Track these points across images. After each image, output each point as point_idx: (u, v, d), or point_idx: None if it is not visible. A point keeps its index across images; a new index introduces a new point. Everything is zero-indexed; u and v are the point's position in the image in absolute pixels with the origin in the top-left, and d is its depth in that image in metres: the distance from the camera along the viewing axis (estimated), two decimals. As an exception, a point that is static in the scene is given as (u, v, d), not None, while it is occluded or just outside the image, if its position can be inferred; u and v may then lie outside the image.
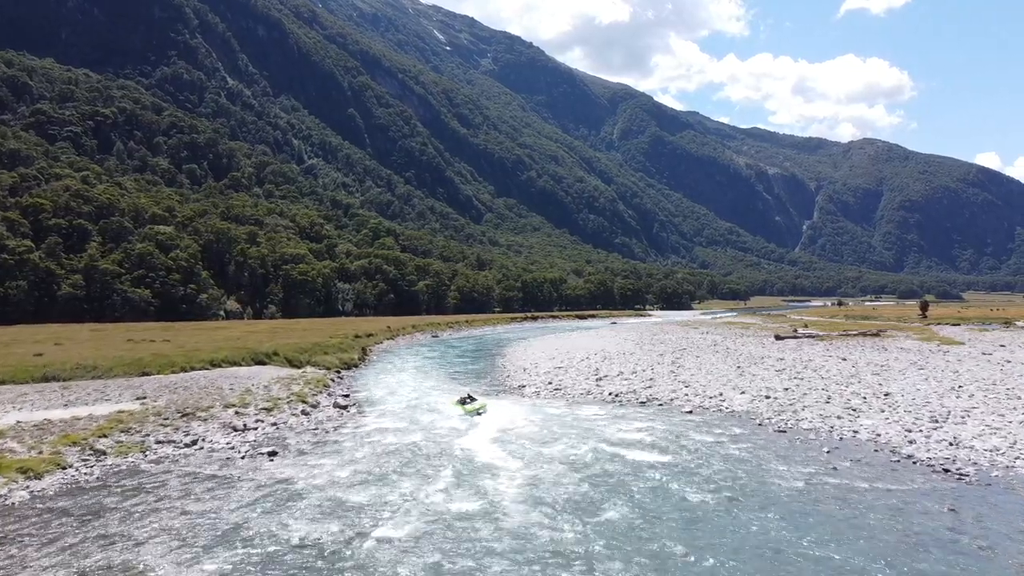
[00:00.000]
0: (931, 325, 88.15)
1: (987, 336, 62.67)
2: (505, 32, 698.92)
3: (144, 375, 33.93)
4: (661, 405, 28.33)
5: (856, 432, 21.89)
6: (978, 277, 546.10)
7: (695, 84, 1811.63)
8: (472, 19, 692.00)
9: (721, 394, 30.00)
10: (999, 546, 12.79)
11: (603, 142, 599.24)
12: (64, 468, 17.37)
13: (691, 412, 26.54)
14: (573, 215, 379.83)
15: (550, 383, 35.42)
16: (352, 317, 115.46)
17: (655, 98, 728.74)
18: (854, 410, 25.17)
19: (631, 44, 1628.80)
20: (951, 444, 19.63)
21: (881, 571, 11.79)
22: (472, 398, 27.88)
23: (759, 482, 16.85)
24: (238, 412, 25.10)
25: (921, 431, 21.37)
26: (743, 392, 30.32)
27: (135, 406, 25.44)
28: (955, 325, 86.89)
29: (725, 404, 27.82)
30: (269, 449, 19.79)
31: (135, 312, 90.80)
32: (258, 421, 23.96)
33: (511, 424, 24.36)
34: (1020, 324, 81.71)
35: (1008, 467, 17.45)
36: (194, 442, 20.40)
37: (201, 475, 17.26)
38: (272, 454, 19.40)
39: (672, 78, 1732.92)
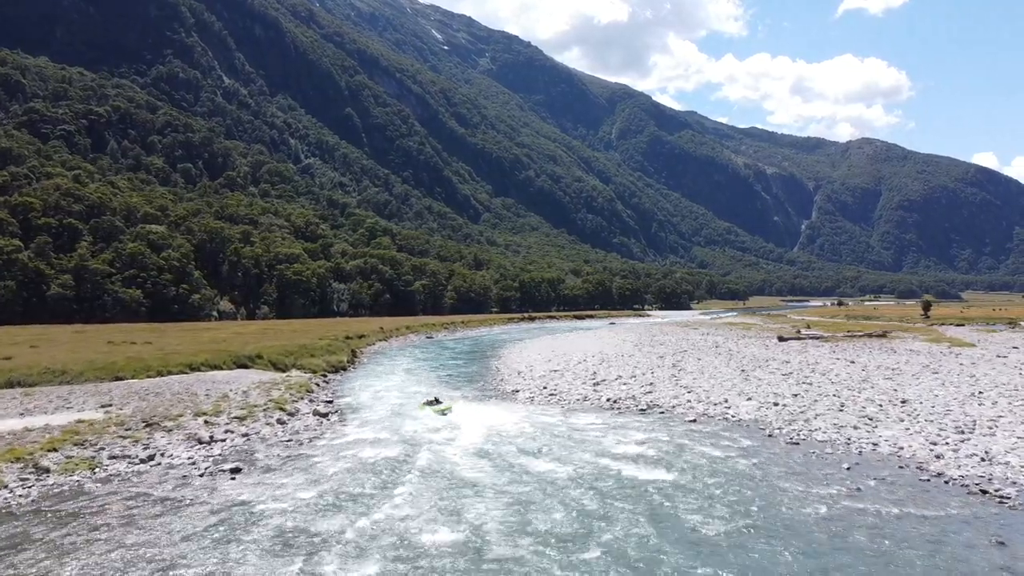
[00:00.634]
0: (935, 325, 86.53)
1: (996, 337, 60.97)
2: (503, 32, 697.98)
3: (117, 380, 32.17)
4: (662, 413, 26.56)
5: (876, 445, 20.08)
6: (976, 277, 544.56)
7: (693, 84, 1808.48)
8: (470, 19, 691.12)
9: (726, 401, 28.23)
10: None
11: (601, 142, 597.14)
12: (-2, 489, 15.58)
13: (695, 421, 24.76)
14: (571, 215, 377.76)
15: (545, 388, 33.68)
16: (347, 318, 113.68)
17: (653, 98, 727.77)
18: (870, 419, 23.38)
19: (629, 44, 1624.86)
20: (983, 459, 17.83)
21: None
22: (438, 400, 28.45)
23: (775, 506, 15.06)
24: (208, 421, 23.31)
25: (947, 444, 19.58)
26: (749, 398, 28.55)
27: (98, 415, 23.69)
28: (959, 325, 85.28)
29: (731, 412, 26.04)
30: (232, 465, 17.99)
31: (126, 313, 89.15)
32: (228, 432, 22.17)
33: (501, 435, 22.58)
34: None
35: (1050, 487, 15.68)
36: (151, 457, 18.57)
37: (150, 497, 15.46)
38: (235, 471, 17.59)
39: (670, 78, 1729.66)
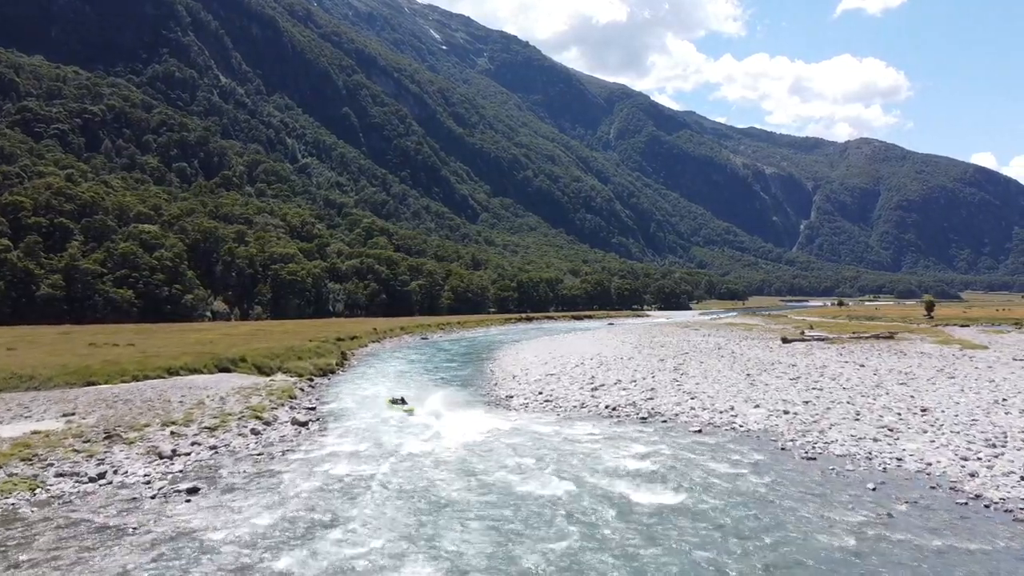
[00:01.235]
0: (940, 326, 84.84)
1: (1007, 339, 59.26)
2: (501, 31, 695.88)
3: (89, 385, 30.42)
4: (665, 422, 24.81)
5: (900, 460, 18.27)
6: (976, 277, 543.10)
7: (692, 84, 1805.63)
8: (468, 18, 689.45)
9: (732, 408, 26.47)
10: None
11: (600, 142, 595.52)
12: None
13: (700, 431, 22.99)
14: (570, 215, 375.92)
15: (540, 393, 31.95)
16: (342, 318, 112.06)
17: (652, 98, 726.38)
18: (891, 430, 21.60)
19: (628, 44, 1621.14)
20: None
21: None
22: (404, 400, 28.91)
23: (796, 537, 13.25)
24: (174, 432, 21.54)
25: (979, 459, 17.78)
26: (757, 406, 26.80)
27: (58, 425, 21.95)
28: (965, 326, 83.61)
29: (738, 421, 24.28)
30: (190, 484, 16.21)
31: (117, 313, 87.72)
32: (194, 444, 20.39)
33: (490, 448, 20.81)
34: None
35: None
36: (102, 475, 16.77)
37: (89, 524, 13.66)
38: (192, 491, 15.80)
39: (669, 78, 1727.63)
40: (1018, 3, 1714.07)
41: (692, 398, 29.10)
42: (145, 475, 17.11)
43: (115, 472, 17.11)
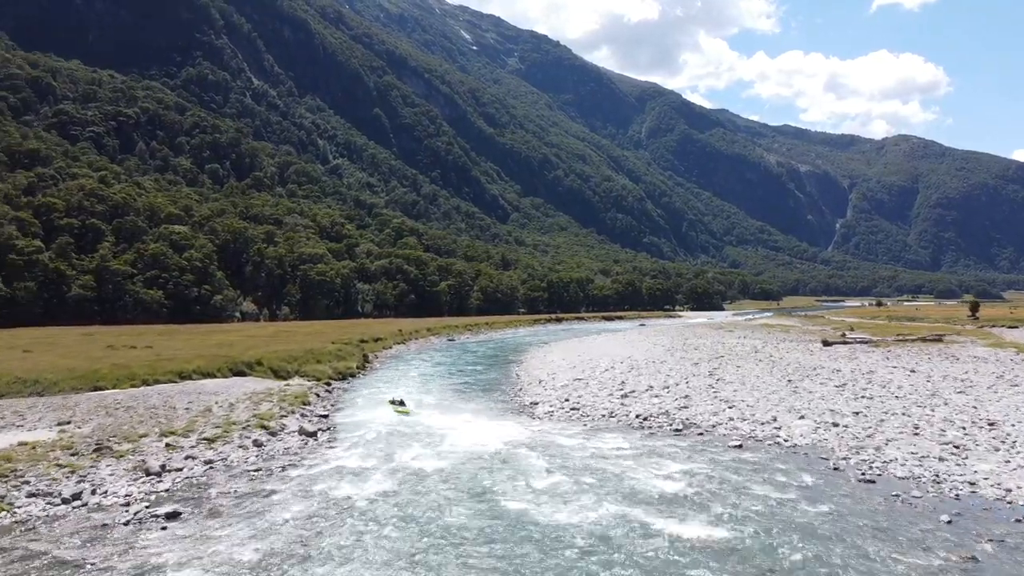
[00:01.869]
0: (985, 327, 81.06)
1: (1065, 342, 55.76)
2: (532, 31, 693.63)
3: (96, 390, 29.20)
4: (701, 434, 22.71)
5: (974, 485, 16.00)
6: (1019, 276, 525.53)
7: (724, 82, 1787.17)
8: (499, 19, 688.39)
9: (775, 419, 24.28)
10: None
11: (631, 141, 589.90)
12: None
13: (740, 446, 20.88)
14: (600, 214, 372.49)
15: (567, 400, 30.03)
16: (370, 319, 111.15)
17: (684, 96, 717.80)
18: (957, 447, 19.26)
19: (659, 42, 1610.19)
20: None
21: None
22: (403, 402, 28.56)
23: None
24: (170, 445, 20.04)
25: (1068, 486, 15.52)
26: (802, 416, 24.56)
27: (49, 435, 20.61)
28: (1013, 327, 79.75)
29: (782, 434, 22.10)
30: (171, 508, 14.58)
31: (147, 313, 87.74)
32: (188, 458, 18.86)
33: (509, 464, 18.95)
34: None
35: None
36: (77, 495, 15.24)
37: (45, 558, 12.08)
38: (171, 516, 14.19)
39: (701, 76, 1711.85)
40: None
41: (730, 407, 26.95)
42: (126, 495, 15.55)
43: (93, 492, 15.57)
